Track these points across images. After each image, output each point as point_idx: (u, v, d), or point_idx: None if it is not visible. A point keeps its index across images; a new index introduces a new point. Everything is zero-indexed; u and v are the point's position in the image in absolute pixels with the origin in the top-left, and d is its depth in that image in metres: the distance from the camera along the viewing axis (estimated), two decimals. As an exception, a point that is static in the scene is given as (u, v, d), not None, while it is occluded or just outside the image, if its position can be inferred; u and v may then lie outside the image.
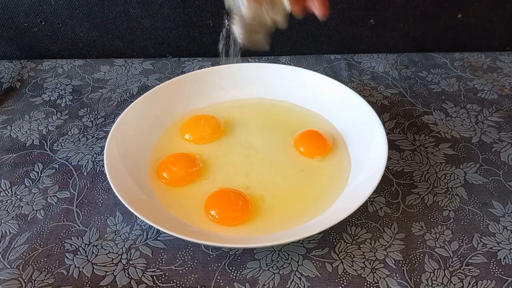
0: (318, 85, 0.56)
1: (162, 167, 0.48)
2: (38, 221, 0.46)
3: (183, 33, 0.69)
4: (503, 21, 0.68)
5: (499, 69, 0.67)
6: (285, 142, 0.52)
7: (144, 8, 0.65)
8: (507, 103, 0.60)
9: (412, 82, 0.65)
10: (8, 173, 0.51)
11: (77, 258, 0.42)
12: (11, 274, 0.41)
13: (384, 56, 0.70)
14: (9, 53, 0.70)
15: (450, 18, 0.68)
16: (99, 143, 0.55)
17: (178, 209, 0.45)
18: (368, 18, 0.67)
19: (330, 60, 0.69)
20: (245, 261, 0.42)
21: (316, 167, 0.49)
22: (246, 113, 0.56)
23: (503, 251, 0.42)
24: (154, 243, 0.43)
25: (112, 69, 0.68)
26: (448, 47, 0.71)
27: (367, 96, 0.62)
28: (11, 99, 0.62)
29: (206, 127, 0.53)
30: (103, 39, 0.69)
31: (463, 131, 0.56)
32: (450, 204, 0.47)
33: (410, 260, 0.42)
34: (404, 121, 0.57)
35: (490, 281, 0.40)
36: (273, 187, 0.47)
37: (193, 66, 0.69)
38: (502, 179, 0.49)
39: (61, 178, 0.50)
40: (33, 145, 0.54)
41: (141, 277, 0.41)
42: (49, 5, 0.65)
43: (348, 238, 0.44)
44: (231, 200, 0.45)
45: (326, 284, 0.40)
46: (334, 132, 0.53)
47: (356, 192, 0.44)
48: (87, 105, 0.61)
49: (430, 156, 0.52)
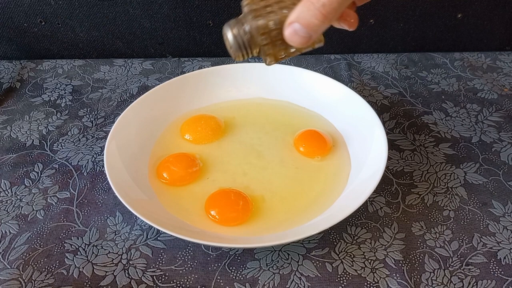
0: (318, 85, 0.56)
1: (162, 167, 0.49)
2: (38, 221, 0.46)
3: (183, 33, 0.69)
4: (503, 21, 0.68)
5: (499, 69, 0.67)
6: (285, 142, 0.52)
7: (144, 8, 0.65)
8: (507, 103, 0.60)
9: (412, 82, 0.65)
10: (8, 173, 0.51)
11: (77, 258, 0.42)
12: (11, 274, 0.41)
13: (384, 56, 0.70)
14: (9, 53, 0.70)
15: (450, 18, 0.68)
16: (99, 143, 0.55)
17: (178, 209, 0.45)
18: (368, 18, 0.67)
19: (330, 60, 0.69)
20: (245, 261, 0.42)
21: (316, 167, 0.49)
22: (246, 113, 0.57)
23: (503, 251, 0.42)
24: (154, 243, 0.43)
25: (112, 69, 0.68)
26: (448, 47, 0.71)
27: (367, 96, 0.62)
28: (11, 99, 0.62)
29: (206, 127, 0.53)
30: (103, 39, 0.69)
31: (463, 131, 0.56)
32: (450, 204, 0.47)
33: (410, 260, 0.42)
34: (404, 121, 0.57)
35: (490, 281, 0.40)
36: (273, 187, 0.47)
37: (193, 66, 0.69)
38: (502, 179, 0.49)
39: (61, 178, 0.50)
40: (33, 145, 0.55)
41: (141, 277, 0.41)
42: (49, 5, 0.65)
43: (348, 238, 0.44)
44: (232, 200, 0.45)
45: (326, 284, 0.40)
46: (334, 132, 0.53)
47: (356, 192, 0.44)
48: (87, 105, 0.61)
49: (430, 156, 0.52)
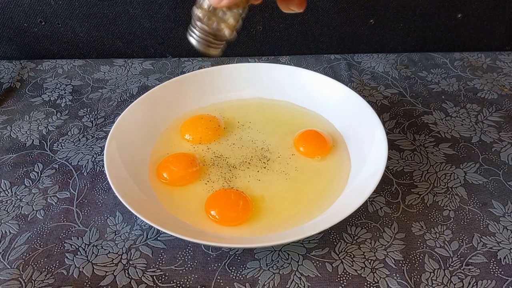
0: (318, 85, 0.56)
1: (162, 167, 0.49)
2: (38, 221, 0.46)
3: (183, 33, 0.68)
4: (503, 21, 0.68)
5: (499, 69, 0.67)
6: (285, 142, 0.52)
7: (144, 8, 0.65)
8: (507, 103, 0.60)
9: (412, 82, 0.65)
10: (8, 173, 0.51)
11: (77, 258, 0.42)
12: (11, 274, 0.41)
13: (384, 56, 0.70)
14: (9, 53, 0.70)
15: (450, 18, 0.68)
16: (99, 143, 0.55)
17: (178, 209, 0.45)
18: (368, 18, 0.68)
19: (330, 60, 0.69)
20: (245, 261, 0.42)
21: (316, 167, 0.49)
22: (246, 113, 0.57)
23: (503, 251, 0.42)
24: (154, 243, 0.43)
25: (112, 69, 0.68)
26: (448, 47, 0.71)
27: (367, 96, 0.62)
28: (11, 99, 0.62)
29: (206, 127, 0.53)
30: (103, 39, 0.69)
31: (463, 131, 0.56)
32: (450, 204, 0.47)
33: (410, 260, 0.42)
34: (404, 121, 0.57)
35: (490, 281, 0.40)
36: (273, 187, 0.47)
37: (193, 66, 0.69)
38: (502, 179, 0.49)
39: (61, 178, 0.50)
40: (33, 145, 0.55)
41: (141, 277, 0.41)
42: (49, 5, 0.65)
43: (348, 238, 0.44)
44: (232, 200, 0.45)
45: (326, 284, 0.40)
46: (334, 132, 0.53)
47: (356, 192, 0.44)
48: (87, 105, 0.61)
49: (430, 156, 0.52)
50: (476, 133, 0.55)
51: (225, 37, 0.37)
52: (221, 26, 0.36)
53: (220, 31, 0.37)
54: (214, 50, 0.38)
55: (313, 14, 0.66)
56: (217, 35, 0.37)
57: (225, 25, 0.36)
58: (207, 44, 0.37)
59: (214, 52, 0.38)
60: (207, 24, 0.36)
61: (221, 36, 0.37)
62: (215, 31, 0.37)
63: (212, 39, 0.37)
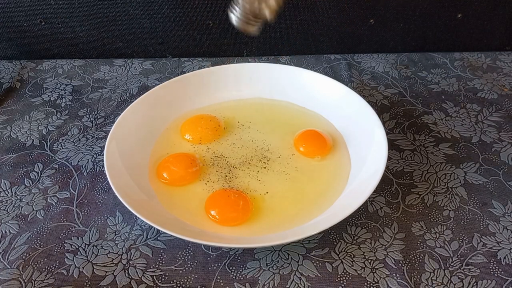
0: (318, 85, 0.56)
1: (162, 167, 0.48)
2: (38, 221, 0.46)
3: (183, 33, 0.69)
4: (503, 21, 0.68)
5: (499, 69, 0.67)
6: (285, 142, 0.52)
7: (144, 8, 0.65)
8: (507, 103, 0.60)
9: (412, 82, 0.65)
10: (8, 173, 0.51)
11: (77, 258, 0.42)
12: (11, 274, 0.41)
13: (384, 56, 0.70)
14: (9, 53, 0.70)
15: (450, 18, 0.68)
16: (99, 143, 0.55)
17: (178, 209, 0.45)
18: (368, 18, 0.67)
19: (330, 60, 0.69)
20: (245, 261, 0.42)
21: (316, 167, 0.49)
22: (246, 113, 0.57)
23: (503, 251, 0.42)
24: (154, 243, 0.43)
25: (112, 69, 0.68)
26: (448, 47, 0.71)
27: (367, 96, 0.62)
28: (11, 99, 0.62)
29: (206, 127, 0.53)
30: (103, 39, 0.69)
31: (463, 131, 0.56)
32: (450, 204, 0.47)
33: (410, 260, 0.42)
34: (404, 121, 0.57)
35: (490, 281, 0.40)
36: (273, 187, 0.47)
37: (193, 66, 0.69)
38: (502, 179, 0.49)
39: (61, 178, 0.50)
40: (33, 145, 0.55)
41: (141, 277, 0.41)
42: (49, 5, 0.65)
43: (348, 238, 0.44)
44: (232, 200, 0.45)
45: (326, 284, 0.40)
46: (334, 132, 0.53)
47: (356, 192, 0.44)
48: (87, 105, 0.61)
49: (430, 156, 0.52)
50: (476, 133, 0.55)
51: (265, 17, 0.38)
52: (262, 5, 0.37)
53: (261, 10, 0.37)
54: (252, 27, 0.39)
55: (313, 14, 0.66)
56: (257, 15, 0.38)
57: (266, 5, 0.37)
58: (246, 21, 0.39)
59: (251, 29, 0.39)
60: (249, 2, 0.37)
61: (262, 16, 0.38)
62: (255, 11, 0.38)
63: (252, 17, 0.38)
